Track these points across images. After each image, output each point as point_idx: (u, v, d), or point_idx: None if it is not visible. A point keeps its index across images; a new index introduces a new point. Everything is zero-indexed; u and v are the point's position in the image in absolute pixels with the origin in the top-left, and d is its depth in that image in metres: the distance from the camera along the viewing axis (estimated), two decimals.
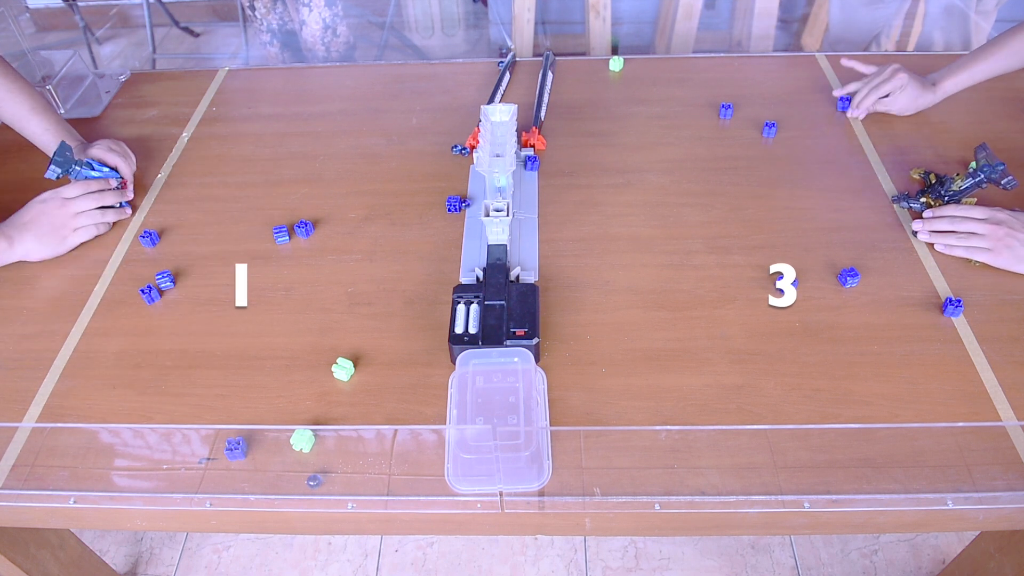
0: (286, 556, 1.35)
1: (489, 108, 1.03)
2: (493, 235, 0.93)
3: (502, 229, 0.93)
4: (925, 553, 1.32)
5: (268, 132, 1.21)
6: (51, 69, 1.32)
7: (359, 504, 0.72)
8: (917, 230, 0.94)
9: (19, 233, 0.95)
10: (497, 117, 1.03)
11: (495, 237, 0.93)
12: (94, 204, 1.00)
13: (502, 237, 0.93)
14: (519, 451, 0.72)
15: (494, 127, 1.02)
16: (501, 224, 0.92)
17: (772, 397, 0.78)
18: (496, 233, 0.93)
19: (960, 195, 0.96)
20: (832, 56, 1.32)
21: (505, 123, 1.03)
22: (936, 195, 0.97)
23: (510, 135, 1.01)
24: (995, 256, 0.89)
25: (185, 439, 0.78)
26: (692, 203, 1.02)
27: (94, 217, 0.99)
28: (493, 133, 1.01)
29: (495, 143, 0.99)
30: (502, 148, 0.98)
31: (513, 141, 0.99)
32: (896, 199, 1.00)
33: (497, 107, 1.03)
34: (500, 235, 0.93)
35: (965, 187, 0.95)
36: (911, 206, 0.98)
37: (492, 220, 0.92)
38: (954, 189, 0.96)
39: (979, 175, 0.94)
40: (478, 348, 0.80)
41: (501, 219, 0.92)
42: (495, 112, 1.03)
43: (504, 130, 1.02)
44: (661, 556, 1.33)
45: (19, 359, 0.86)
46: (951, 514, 0.70)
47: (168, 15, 2.82)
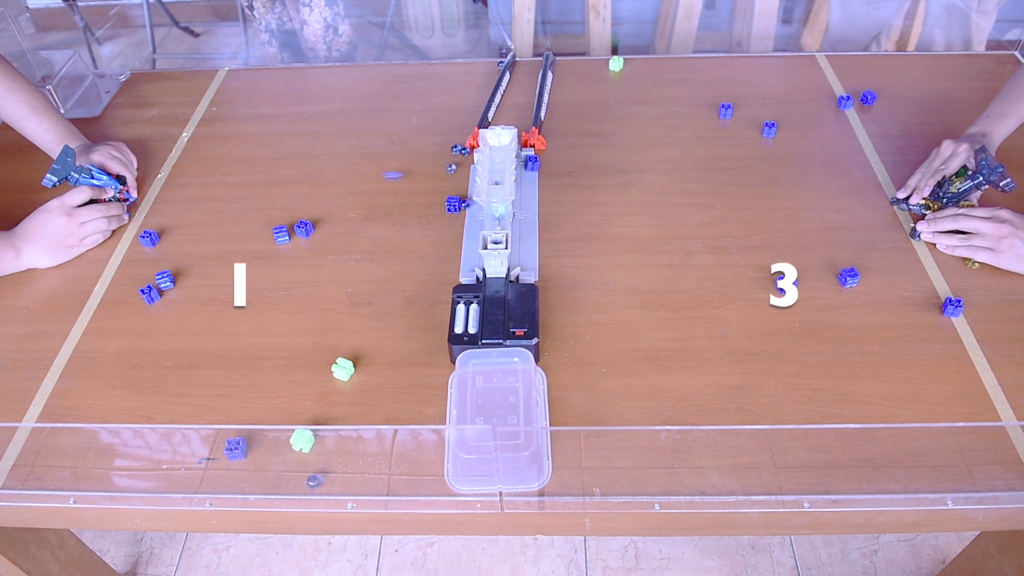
0: (286, 556, 1.35)
1: (488, 133, 0.99)
2: (491, 268, 0.88)
3: (500, 262, 0.88)
4: (925, 553, 1.32)
5: (268, 132, 1.21)
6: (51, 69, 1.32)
7: (359, 504, 0.72)
8: (920, 231, 0.94)
9: (27, 244, 0.95)
10: (496, 141, 1.00)
11: (493, 270, 0.88)
12: (100, 215, 1.00)
13: (500, 270, 0.88)
14: (519, 451, 0.72)
15: (492, 152, 0.98)
16: (500, 257, 0.87)
17: (772, 397, 0.78)
18: (494, 266, 0.88)
19: (958, 197, 0.96)
20: (833, 56, 1.32)
21: (504, 147, 0.99)
22: (934, 196, 0.97)
23: (509, 161, 0.96)
24: (997, 256, 0.89)
25: (185, 439, 0.78)
26: (692, 203, 1.02)
27: (100, 226, 1.00)
28: (491, 159, 0.97)
29: (493, 170, 0.96)
30: (501, 175, 0.94)
31: (513, 168, 0.96)
32: (895, 201, 1.00)
33: (497, 131, 1.00)
34: (498, 268, 0.88)
35: (964, 189, 0.95)
36: (910, 208, 0.98)
37: (490, 253, 0.86)
38: (952, 191, 0.96)
39: (978, 177, 0.93)
40: (478, 348, 0.80)
41: (500, 252, 0.87)
42: (494, 136, 1.00)
43: (503, 155, 0.97)
44: (661, 556, 1.33)
45: (19, 359, 0.86)
46: (951, 514, 0.70)
47: (168, 15, 2.82)
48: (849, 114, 1.18)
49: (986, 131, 1.02)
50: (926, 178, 0.98)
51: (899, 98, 1.21)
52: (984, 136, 1.01)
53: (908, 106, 1.20)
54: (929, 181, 0.97)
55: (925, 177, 0.98)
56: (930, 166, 0.99)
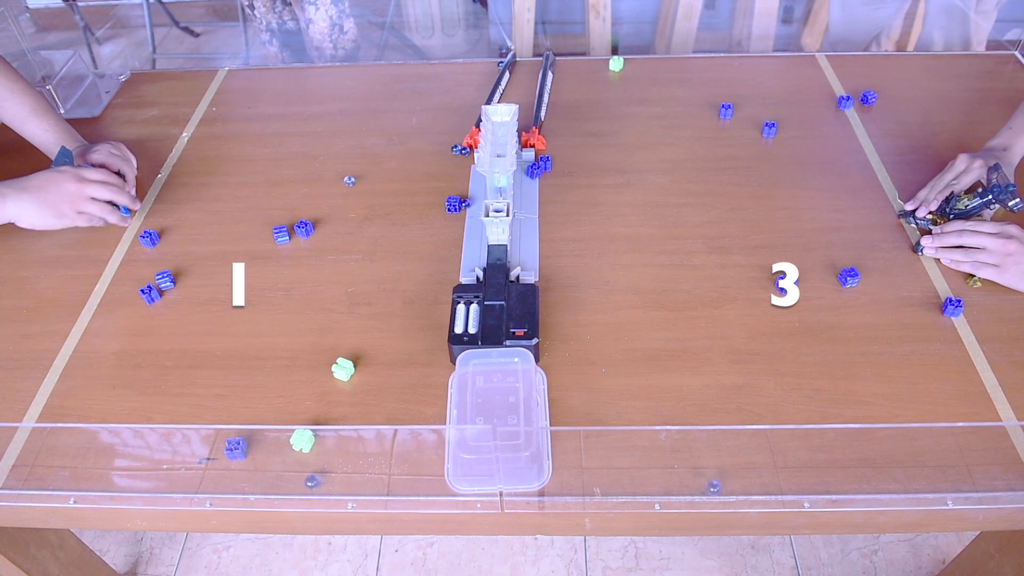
0: (286, 556, 1.35)
1: (490, 108, 1.03)
2: (493, 235, 0.93)
3: (502, 229, 0.93)
4: (925, 553, 1.32)
5: (268, 132, 1.21)
6: (51, 69, 1.32)
7: (359, 504, 0.72)
8: (924, 245, 0.92)
9: (17, 193, 0.92)
10: (498, 117, 1.03)
11: (495, 237, 0.93)
12: (108, 196, 0.99)
13: (502, 237, 0.93)
14: (519, 451, 0.72)
15: (495, 127, 1.02)
16: (501, 224, 0.92)
17: (772, 397, 0.78)
18: (496, 233, 0.93)
19: (966, 214, 0.94)
20: (833, 56, 1.32)
21: (506, 123, 1.03)
22: (941, 212, 0.96)
23: (511, 135, 1.00)
24: (1001, 272, 0.87)
25: (185, 439, 0.78)
26: (692, 203, 1.02)
27: (103, 208, 0.99)
28: (494, 133, 1.01)
29: (496, 143, 0.99)
30: (503, 148, 0.97)
31: (514, 141, 0.99)
32: (902, 214, 0.98)
33: (498, 107, 1.03)
34: (500, 235, 0.93)
35: (972, 206, 0.93)
36: (916, 222, 0.96)
37: (492, 220, 0.92)
38: (959, 207, 0.94)
39: (987, 195, 0.91)
40: (478, 348, 0.80)
41: (501, 219, 0.92)
42: (496, 112, 1.03)
43: (505, 130, 1.01)
44: (661, 556, 1.33)
45: (19, 359, 0.86)
46: (951, 514, 0.70)
47: (168, 15, 2.82)
48: (849, 114, 1.18)
49: (1008, 144, 0.99)
50: (935, 191, 0.96)
51: (899, 98, 1.21)
52: (1005, 150, 0.98)
53: (908, 106, 1.20)
54: (938, 196, 0.95)
55: (935, 191, 0.96)
56: (942, 179, 0.97)
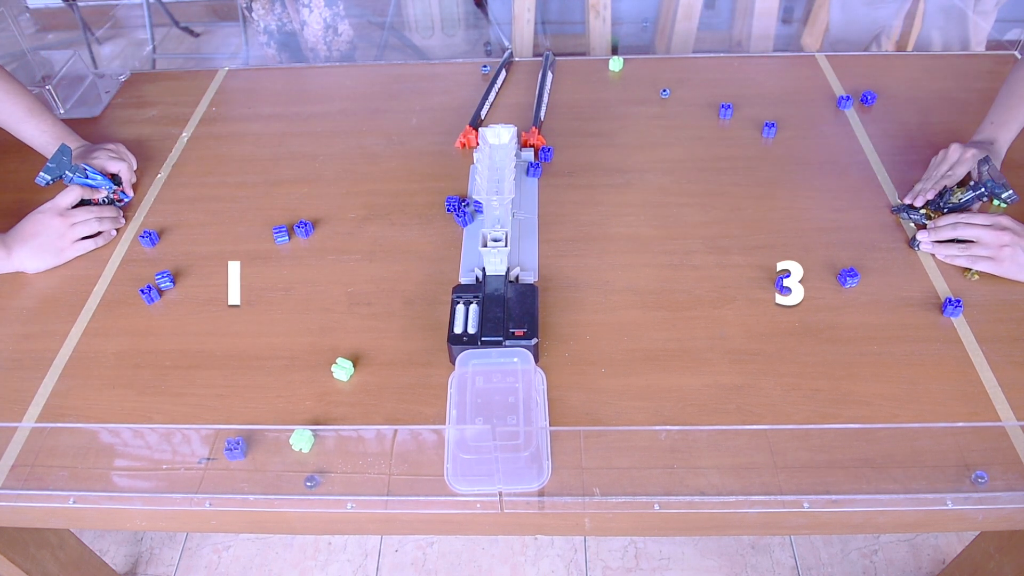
0: (286, 556, 1.35)
1: (488, 131, 0.99)
2: (491, 265, 0.89)
3: (500, 259, 0.88)
4: (925, 553, 1.32)
5: (268, 132, 1.21)
6: (51, 69, 1.32)
7: (359, 504, 0.72)
8: (920, 240, 0.93)
9: (18, 245, 0.95)
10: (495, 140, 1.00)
11: (493, 268, 0.89)
12: (92, 215, 0.99)
13: (500, 268, 0.88)
14: (519, 451, 0.72)
15: (492, 150, 0.98)
16: (499, 255, 0.87)
17: (772, 397, 0.78)
18: (494, 264, 0.88)
19: (959, 208, 0.94)
20: (833, 56, 1.32)
21: (504, 146, 0.99)
22: (935, 207, 0.96)
23: (509, 159, 0.96)
24: (997, 264, 0.88)
25: (185, 439, 0.78)
26: (692, 203, 1.02)
27: (92, 227, 0.99)
28: (491, 158, 0.97)
29: (493, 168, 0.95)
30: (500, 174, 0.93)
31: (512, 167, 0.96)
32: (896, 209, 0.99)
33: (496, 129, 1.00)
34: (498, 266, 0.88)
35: (965, 199, 0.93)
36: (911, 217, 0.97)
37: (490, 251, 0.87)
38: (953, 201, 0.94)
39: (980, 188, 0.92)
40: (477, 348, 0.80)
41: (499, 250, 0.87)
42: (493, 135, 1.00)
43: (503, 154, 0.97)
44: (661, 556, 1.33)
45: (19, 359, 0.86)
46: (951, 514, 0.70)
47: (168, 15, 2.82)
48: (849, 114, 1.18)
49: (992, 138, 1.00)
50: (932, 182, 0.97)
51: (899, 98, 1.21)
52: (991, 144, 1.00)
53: (908, 106, 1.20)
54: (935, 186, 0.96)
55: (931, 181, 0.97)
56: (936, 170, 0.98)
